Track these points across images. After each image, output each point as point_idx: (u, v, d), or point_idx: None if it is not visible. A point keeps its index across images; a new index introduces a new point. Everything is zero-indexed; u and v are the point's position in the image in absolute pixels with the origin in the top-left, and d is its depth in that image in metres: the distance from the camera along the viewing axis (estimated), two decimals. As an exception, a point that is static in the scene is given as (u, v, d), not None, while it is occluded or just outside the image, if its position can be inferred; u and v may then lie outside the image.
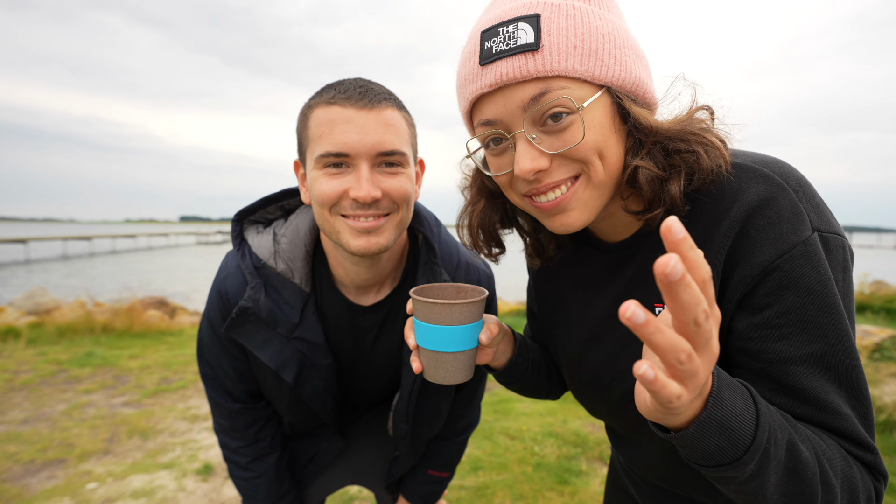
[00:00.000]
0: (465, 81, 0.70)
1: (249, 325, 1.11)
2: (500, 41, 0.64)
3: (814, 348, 0.60)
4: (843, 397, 0.61)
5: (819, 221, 0.61)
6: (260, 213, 1.21)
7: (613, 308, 0.82)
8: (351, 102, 0.93)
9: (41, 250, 33.24)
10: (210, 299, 1.17)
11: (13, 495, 2.59)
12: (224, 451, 1.32)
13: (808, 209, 0.62)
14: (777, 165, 0.66)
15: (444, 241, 1.21)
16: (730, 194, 0.65)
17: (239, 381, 1.22)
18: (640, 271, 0.78)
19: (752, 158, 0.68)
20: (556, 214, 0.71)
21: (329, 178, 0.96)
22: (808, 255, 0.60)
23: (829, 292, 0.60)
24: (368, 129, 0.93)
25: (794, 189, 0.63)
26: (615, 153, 0.69)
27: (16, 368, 4.66)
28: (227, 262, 1.17)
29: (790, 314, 0.60)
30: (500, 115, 0.68)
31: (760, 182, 0.64)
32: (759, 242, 0.61)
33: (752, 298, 0.63)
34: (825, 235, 0.61)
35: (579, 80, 0.64)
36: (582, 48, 0.63)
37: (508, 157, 0.71)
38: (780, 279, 0.60)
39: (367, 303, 1.19)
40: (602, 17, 0.66)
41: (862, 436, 0.61)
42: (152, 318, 6.62)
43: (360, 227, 0.97)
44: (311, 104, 0.99)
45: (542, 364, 1.04)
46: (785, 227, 0.60)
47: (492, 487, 2.74)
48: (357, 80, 0.98)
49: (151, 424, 3.52)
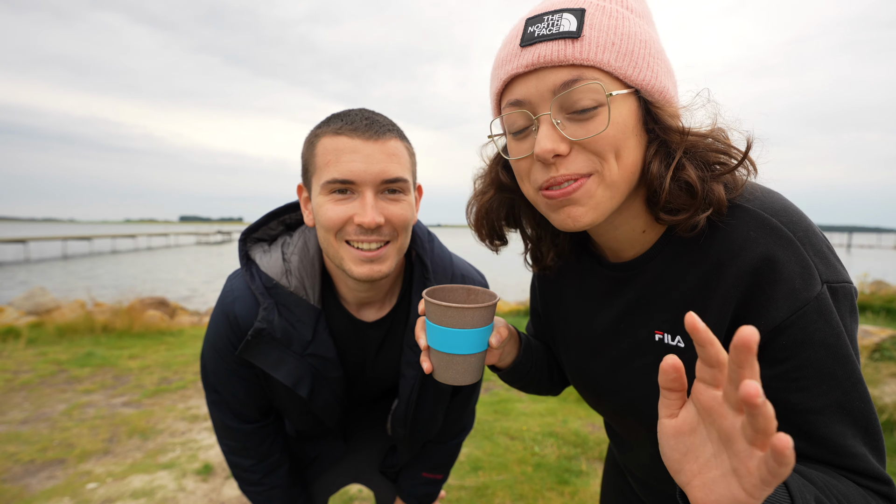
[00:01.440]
0: (502, 62, 0.72)
1: (263, 345, 1.11)
2: (543, 27, 0.67)
3: (831, 398, 0.63)
4: (858, 438, 0.64)
5: (827, 273, 0.63)
6: (263, 229, 1.22)
7: (613, 327, 0.84)
8: (357, 133, 0.98)
9: (41, 250, 33.25)
10: (215, 324, 1.16)
11: (13, 495, 2.59)
12: (235, 471, 1.33)
13: (817, 261, 0.63)
14: (785, 214, 0.66)
15: (436, 255, 1.24)
16: (737, 240, 0.66)
17: (249, 402, 1.22)
18: (643, 295, 0.79)
19: (760, 204, 0.68)
20: (566, 206, 0.71)
21: (335, 204, 0.99)
22: (820, 311, 0.62)
23: (842, 343, 0.62)
24: (374, 159, 0.98)
25: (801, 242, 0.64)
26: (632, 155, 0.70)
27: (16, 368, 4.66)
28: (234, 285, 1.16)
29: (807, 368, 0.63)
30: (530, 96, 0.69)
31: (770, 235, 0.64)
32: (772, 299, 0.63)
33: (768, 352, 0.65)
34: (834, 286, 0.63)
35: (612, 76, 0.67)
36: (619, 46, 0.66)
37: (530, 141, 0.72)
38: (795, 335, 0.62)
39: (370, 319, 1.22)
40: (641, 27, 0.69)
41: (877, 471, 0.64)
42: (152, 318, 6.62)
43: (363, 257, 1.01)
44: (317, 133, 1.02)
45: (545, 363, 1.06)
46: (797, 283, 0.62)
47: (492, 487, 2.74)
48: (363, 112, 1.03)
49: (151, 424, 3.52)
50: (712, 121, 0.70)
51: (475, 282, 1.28)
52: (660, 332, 0.76)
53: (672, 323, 0.75)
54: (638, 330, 0.80)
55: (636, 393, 0.82)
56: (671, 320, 0.75)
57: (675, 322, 0.74)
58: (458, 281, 1.25)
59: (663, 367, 0.50)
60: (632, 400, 0.83)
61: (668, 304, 0.75)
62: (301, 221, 1.26)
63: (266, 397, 1.24)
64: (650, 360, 0.78)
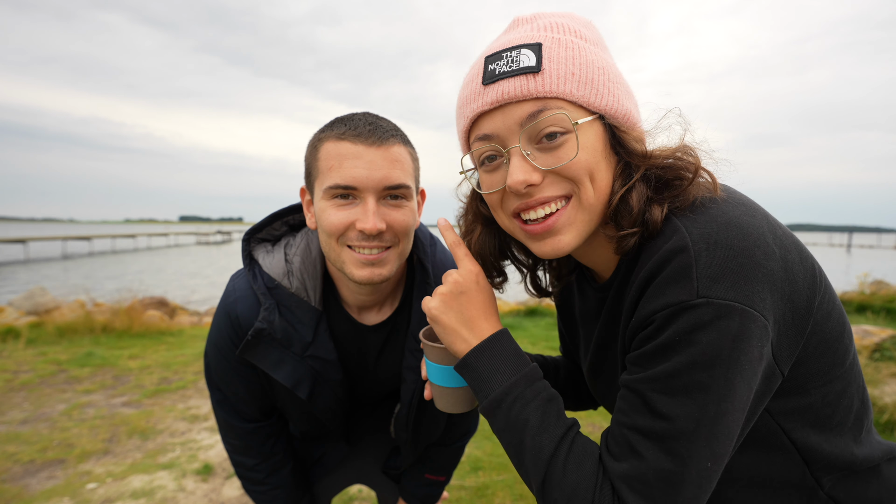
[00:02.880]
0: (467, 101, 0.74)
1: (263, 346, 1.11)
2: (503, 64, 0.69)
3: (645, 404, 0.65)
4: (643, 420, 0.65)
5: (712, 290, 0.60)
6: (266, 230, 1.22)
7: (599, 343, 0.88)
8: (361, 139, 0.98)
9: (41, 250, 33.24)
10: (218, 323, 1.16)
11: (13, 495, 2.59)
12: (238, 470, 1.33)
13: (701, 274, 0.61)
14: (698, 227, 0.65)
15: (438, 259, 1.23)
16: (655, 250, 0.68)
17: (252, 401, 1.23)
18: (610, 312, 0.82)
19: (690, 218, 0.67)
20: (547, 238, 0.74)
21: (337, 209, 1.00)
22: (675, 317, 0.62)
23: (697, 366, 0.61)
24: (376, 165, 0.98)
25: (696, 252, 0.62)
26: (604, 178, 0.72)
27: (16, 368, 4.66)
28: (236, 285, 1.16)
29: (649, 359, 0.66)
30: (498, 130, 0.71)
31: (672, 241, 0.65)
32: (649, 296, 0.66)
33: (637, 341, 0.69)
34: (716, 303, 0.60)
35: (575, 105, 0.69)
36: (579, 76, 0.68)
37: (502, 173, 0.74)
38: (651, 332, 0.65)
39: (371, 322, 1.22)
40: (597, 55, 0.71)
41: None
42: (152, 318, 6.62)
43: (364, 260, 1.02)
44: (321, 137, 1.02)
45: (569, 384, 1.09)
46: (671, 286, 0.63)
47: (492, 487, 2.74)
48: (366, 117, 1.03)
49: (151, 424, 3.52)
50: (680, 139, 0.72)
51: None
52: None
53: (624, 337, 0.77)
54: (612, 344, 0.84)
55: None
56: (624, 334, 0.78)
57: (625, 336, 0.77)
58: None
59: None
60: None
61: (624, 318, 0.78)
62: (305, 223, 1.26)
63: (268, 397, 1.24)
64: None
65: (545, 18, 0.73)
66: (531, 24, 0.74)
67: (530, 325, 6.84)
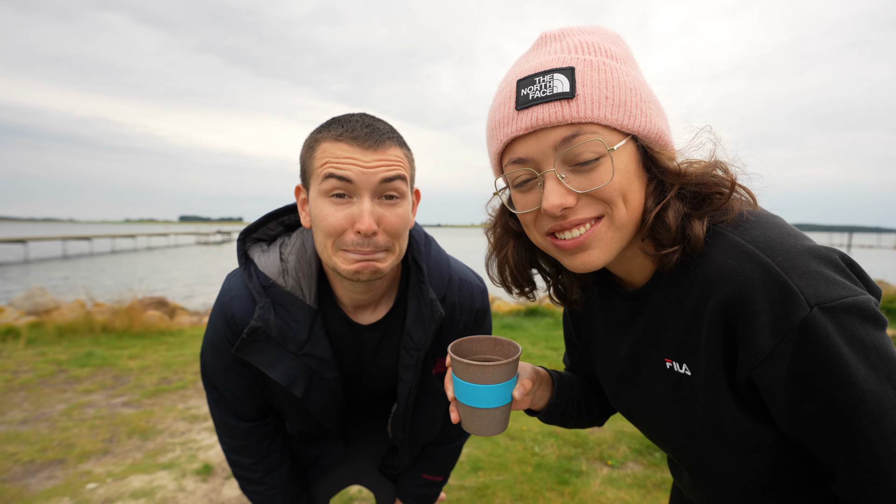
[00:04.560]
0: (500, 124, 0.73)
1: (259, 344, 1.12)
2: (536, 89, 0.69)
3: (841, 439, 0.62)
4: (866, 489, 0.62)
5: (819, 293, 0.59)
6: (262, 230, 1.22)
7: (633, 354, 0.86)
8: (358, 142, 0.97)
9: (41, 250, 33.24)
10: (214, 322, 1.17)
11: (13, 495, 2.59)
12: (235, 470, 1.33)
13: (803, 284, 0.60)
14: (764, 240, 0.65)
15: (433, 259, 1.23)
16: (715, 269, 0.67)
17: (248, 400, 1.23)
18: (651, 323, 0.81)
19: (742, 231, 0.68)
20: (578, 253, 0.74)
21: (333, 208, 0.99)
22: (809, 337, 0.59)
23: (846, 365, 0.59)
24: (373, 166, 0.98)
25: (782, 266, 0.62)
26: (637, 197, 0.73)
27: (15, 368, 4.66)
28: (232, 284, 1.16)
29: (814, 402, 0.62)
30: (532, 154, 0.71)
31: (746, 262, 0.64)
32: (755, 329, 0.63)
33: (768, 384, 0.65)
34: (830, 306, 0.59)
35: (609, 128, 0.69)
36: (613, 99, 0.68)
37: (535, 194, 0.74)
38: (793, 368, 0.61)
39: (366, 321, 1.22)
40: (628, 74, 0.71)
41: None
42: (152, 318, 6.62)
43: (358, 256, 1.01)
44: (317, 137, 1.02)
45: (583, 399, 1.08)
46: (777, 311, 0.61)
47: (492, 487, 2.74)
48: (363, 118, 1.02)
49: (151, 424, 3.52)
50: (711, 154, 0.73)
51: (473, 286, 1.28)
52: (669, 360, 0.78)
53: (677, 351, 0.77)
54: (651, 358, 0.82)
55: (662, 420, 0.84)
56: (676, 348, 0.77)
57: (679, 350, 0.76)
58: (455, 284, 1.24)
59: None
60: (661, 428, 0.86)
61: (672, 332, 0.77)
62: (300, 223, 1.26)
63: (265, 396, 1.24)
64: (666, 389, 0.80)
65: (574, 36, 0.73)
66: (560, 42, 0.73)
67: (530, 325, 6.84)
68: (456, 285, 1.24)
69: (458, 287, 1.24)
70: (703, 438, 0.77)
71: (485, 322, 1.31)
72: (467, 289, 1.26)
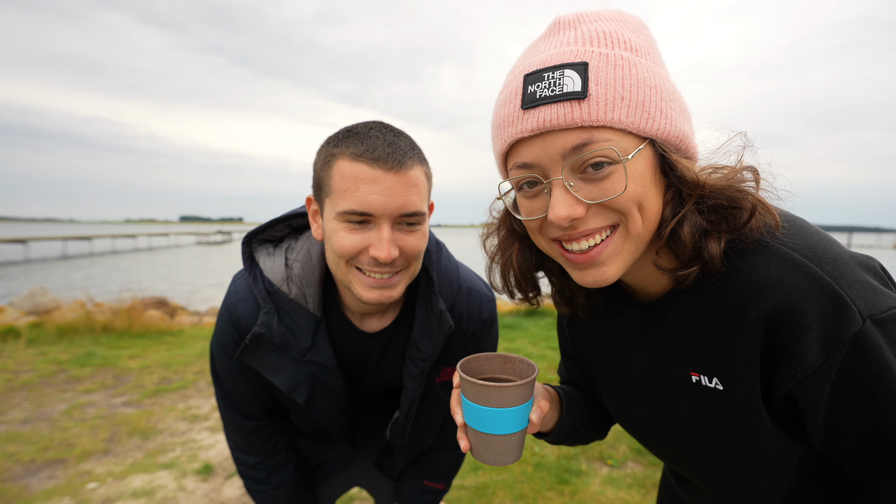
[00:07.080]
0: (505, 123, 0.67)
1: (262, 350, 1.12)
2: (544, 86, 0.62)
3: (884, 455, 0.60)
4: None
5: (870, 304, 0.57)
6: (268, 232, 1.21)
7: (648, 367, 0.81)
8: (379, 164, 0.93)
9: (41, 250, 33.23)
10: (220, 323, 1.17)
11: (13, 495, 2.59)
12: (240, 468, 1.33)
13: (854, 295, 0.57)
14: (808, 248, 0.61)
15: (443, 267, 1.21)
16: (758, 279, 0.62)
17: (254, 399, 1.23)
18: (673, 334, 0.76)
19: (781, 238, 0.64)
20: (590, 269, 0.68)
21: (350, 233, 0.97)
22: (862, 351, 0.56)
23: (889, 378, 0.57)
24: (394, 192, 0.94)
25: (832, 276, 0.58)
26: (654, 206, 0.66)
27: (16, 368, 4.66)
28: (238, 287, 1.16)
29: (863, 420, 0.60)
30: (539, 160, 0.65)
31: (794, 273, 0.59)
32: (803, 344, 0.59)
33: (809, 400, 0.62)
34: (881, 318, 0.56)
35: (624, 132, 0.62)
36: (629, 99, 0.61)
37: (542, 201, 0.68)
38: (840, 384, 0.58)
39: (372, 329, 1.22)
40: (649, 69, 0.64)
41: None
42: (152, 318, 6.62)
43: (374, 283, 1.00)
44: (335, 153, 0.97)
45: (587, 415, 1.02)
46: (829, 324, 0.57)
47: (492, 487, 2.74)
48: (384, 135, 0.97)
49: (151, 424, 3.52)
50: (738, 162, 0.67)
51: (482, 296, 1.26)
52: (695, 374, 0.73)
53: (706, 364, 0.71)
54: (673, 371, 0.77)
55: (684, 437, 0.78)
56: (705, 361, 0.71)
57: (708, 363, 0.71)
58: (464, 294, 1.22)
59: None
60: (681, 444, 0.80)
61: (700, 345, 0.71)
62: (307, 225, 1.24)
63: (271, 396, 1.24)
64: (691, 403, 0.75)
65: (590, 24, 0.66)
66: (574, 30, 0.66)
67: (530, 325, 6.83)
68: (465, 294, 1.23)
69: (467, 296, 1.23)
70: (734, 454, 0.72)
71: (492, 331, 1.29)
72: (476, 298, 1.24)
